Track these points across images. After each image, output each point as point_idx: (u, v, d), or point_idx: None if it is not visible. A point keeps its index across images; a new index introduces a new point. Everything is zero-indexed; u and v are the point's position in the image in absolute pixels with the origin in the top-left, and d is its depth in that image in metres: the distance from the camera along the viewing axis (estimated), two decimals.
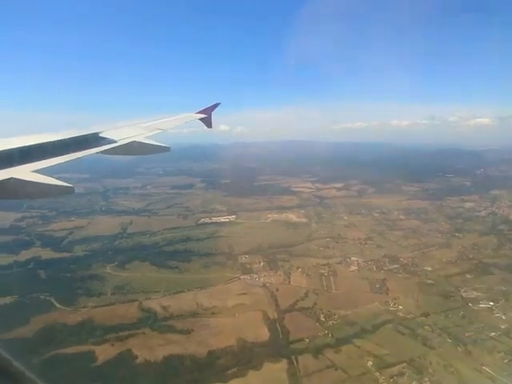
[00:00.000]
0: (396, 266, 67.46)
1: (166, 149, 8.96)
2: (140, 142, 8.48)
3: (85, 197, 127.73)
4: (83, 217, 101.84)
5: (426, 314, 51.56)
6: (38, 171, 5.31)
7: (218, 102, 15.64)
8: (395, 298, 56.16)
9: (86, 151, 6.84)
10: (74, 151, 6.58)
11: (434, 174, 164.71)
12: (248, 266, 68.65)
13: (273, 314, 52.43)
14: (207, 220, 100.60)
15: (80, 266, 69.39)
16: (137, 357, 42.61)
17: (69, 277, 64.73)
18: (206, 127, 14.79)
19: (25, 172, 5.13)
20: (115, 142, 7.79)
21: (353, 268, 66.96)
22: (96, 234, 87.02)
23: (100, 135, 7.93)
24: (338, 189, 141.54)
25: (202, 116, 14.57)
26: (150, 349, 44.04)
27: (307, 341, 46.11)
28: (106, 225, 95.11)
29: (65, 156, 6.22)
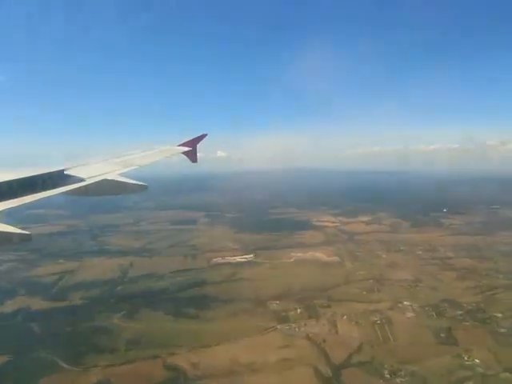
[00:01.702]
0: (459, 312, 67.04)
1: (142, 187, 9.14)
2: (112, 180, 8.55)
3: (68, 236, 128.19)
4: (72, 259, 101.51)
5: (510, 370, 50.77)
6: None
7: (204, 133, 16.04)
8: (468, 350, 55.43)
9: (49, 192, 6.71)
10: (35, 191, 6.45)
11: (475, 205, 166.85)
12: (283, 314, 67.95)
13: (326, 371, 51.47)
14: (220, 260, 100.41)
15: (80, 317, 68.39)
16: None
17: (70, 331, 63.55)
18: (190, 161, 15.16)
19: None
20: (83, 180, 7.75)
21: (409, 315, 66.42)
22: (92, 279, 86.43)
23: (66, 173, 7.86)
24: (367, 223, 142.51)
25: (186, 149, 14.78)
26: None
27: None
28: (100, 268, 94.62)
29: (24, 198, 6.14)
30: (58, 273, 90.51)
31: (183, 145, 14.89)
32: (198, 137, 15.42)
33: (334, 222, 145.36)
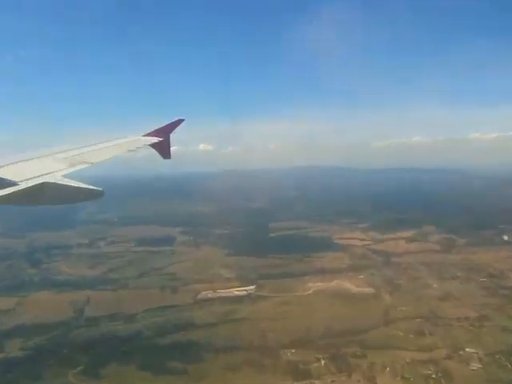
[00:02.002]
0: None
1: (96, 194, 8.85)
2: (55, 184, 8.28)
3: (1, 262, 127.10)
4: (7, 294, 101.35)
5: None
6: None
7: (180, 118, 16.19)
8: None
9: None
10: None
11: None
12: (302, 367, 68.37)
13: None
14: (211, 294, 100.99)
15: (21, 374, 68.25)
16: None
17: None
18: (161, 157, 15.30)
19: None
20: (15, 184, 7.48)
21: (474, 365, 66.70)
22: (36, 321, 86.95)
23: None
24: (408, 240, 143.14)
25: (155, 140, 14.67)
26: None
27: None
28: (46, 305, 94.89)
29: None
30: None
31: (151, 134, 14.84)
32: (172, 123, 15.48)
33: (363, 240, 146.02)
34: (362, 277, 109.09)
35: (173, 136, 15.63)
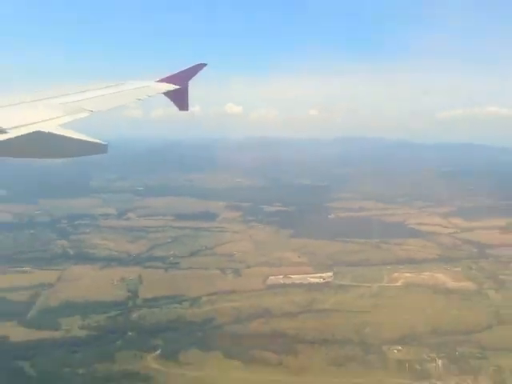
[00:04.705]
0: None
1: (99, 147, 9.12)
2: (50, 134, 8.45)
3: (21, 230, 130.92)
4: (44, 267, 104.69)
5: None
6: None
7: (202, 62, 15.65)
8: None
9: None
10: None
11: None
12: (417, 367, 70.95)
13: None
14: (282, 280, 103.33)
15: (92, 355, 71.63)
16: None
17: (83, 374, 67.02)
18: (177, 108, 15.44)
19: None
20: (3, 131, 7.50)
21: None
22: (85, 299, 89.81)
23: None
24: (503, 230, 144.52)
25: (171, 87, 14.49)
26: None
27: None
28: (93, 282, 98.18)
29: None
30: (29, 287, 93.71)
31: (166, 80, 14.48)
32: (192, 68, 15.06)
33: (446, 227, 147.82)
34: (457, 269, 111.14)
35: (195, 93, 15.65)
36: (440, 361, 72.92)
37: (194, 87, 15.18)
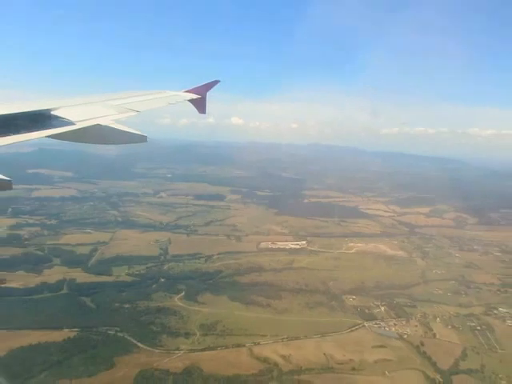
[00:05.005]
0: None
1: (141, 138, 9.17)
2: (107, 127, 8.55)
3: (84, 202, 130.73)
4: (101, 229, 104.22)
5: None
6: None
7: (216, 79, 15.64)
8: None
9: (33, 134, 6.68)
10: (17, 132, 6.45)
11: None
12: (366, 311, 71.19)
13: (434, 376, 54.51)
14: (270, 245, 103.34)
15: (135, 295, 71.27)
16: None
17: (130, 308, 66.57)
18: (198, 112, 14.93)
19: None
20: (73, 123, 7.65)
21: (510, 322, 69.37)
22: (131, 254, 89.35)
23: (52, 113, 7.85)
24: (426, 215, 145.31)
25: (194, 97, 14.51)
26: None
27: None
28: (136, 242, 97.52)
29: (4, 138, 6.15)
30: (90, 243, 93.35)
31: (191, 91, 14.53)
32: (209, 83, 15.03)
33: (386, 211, 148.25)
34: (394, 242, 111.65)
35: (210, 108, 15.30)
36: (382, 307, 73.37)
37: (210, 104, 15.19)
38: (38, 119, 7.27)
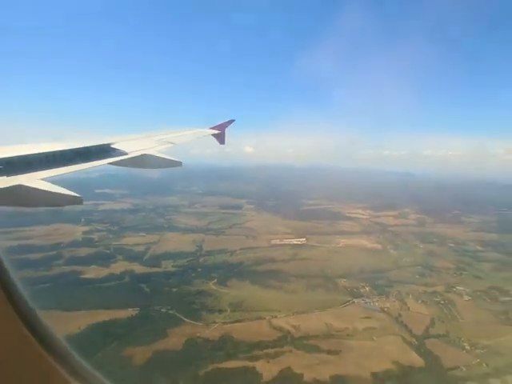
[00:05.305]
0: (508, 298, 68.35)
1: (177, 163, 9.18)
2: (152, 156, 8.64)
3: (138, 213, 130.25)
4: (151, 233, 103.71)
5: None
6: (46, 180, 5.24)
7: (232, 119, 15.88)
8: None
9: (98, 162, 6.86)
10: (86, 161, 6.57)
11: (485, 206, 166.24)
12: (355, 290, 69.94)
13: (410, 339, 53.22)
14: (279, 242, 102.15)
15: (180, 281, 70.62)
16: (302, 375, 43.36)
17: (176, 292, 65.92)
18: (219, 143, 15.00)
19: (33, 180, 5.04)
20: (127, 153, 7.87)
21: (466, 298, 67.87)
22: (175, 251, 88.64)
23: (112, 146, 8.01)
24: (395, 216, 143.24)
25: (215, 132, 14.71)
26: (310, 367, 44.85)
27: (464, 369, 46.77)
28: (178, 242, 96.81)
29: (76, 165, 6.19)
30: (144, 244, 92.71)
31: (213, 128, 14.74)
32: (227, 122, 15.38)
33: (364, 215, 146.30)
34: (371, 238, 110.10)
35: (228, 140, 15.38)
36: (367, 287, 72.02)
37: (228, 137, 15.33)
38: (102, 151, 7.47)
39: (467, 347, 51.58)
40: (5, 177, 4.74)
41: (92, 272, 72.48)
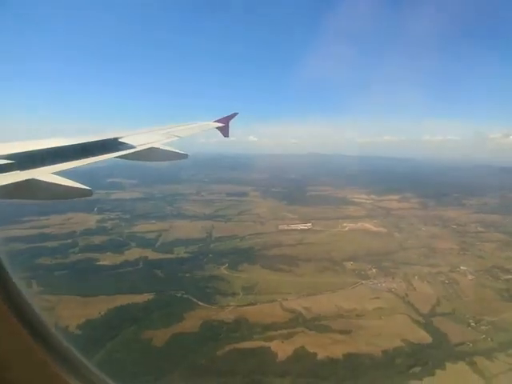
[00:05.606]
0: (511, 276, 68.55)
1: (183, 156, 9.33)
2: (158, 149, 8.73)
3: (147, 201, 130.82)
4: (162, 220, 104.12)
5: None
6: (57, 173, 5.33)
7: (236, 112, 15.99)
8: None
9: (106, 155, 6.98)
10: (94, 155, 6.68)
11: (485, 189, 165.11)
12: (362, 273, 70.24)
13: (418, 318, 53.66)
14: (286, 227, 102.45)
15: (192, 267, 71.19)
16: (316, 354, 43.96)
17: (189, 277, 66.52)
18: (223, 136, 15.01)
19: (45, 174, 5.13)
20: (134, 147, 7.95)
21: (470, 277, 68.12)
22: (185, 237, 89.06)
23: (120, 140, 8.08)
24: (398, 201, 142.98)
25: (220, 125, 14.82)
26: (322, 347, 45.47)
27: (470, 344, 47.23)
28: (188, 228, 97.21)
29: (85, 159, 6.33)
30: (155, 231, 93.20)
31: (218, 121, 14.89)
32: (230, 115, 15.52)
33: (367, 200, 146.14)
34: (375, 222, 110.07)
35: (232, 130, 15.53)
36: (374, 269, 72.23)
37: (232, 127, 15.61)
38: (110, 145, 7.56)
39: (472, 324, 52.02)
40: (18, 171, 4.83)
41: (107, 259, 73.15)
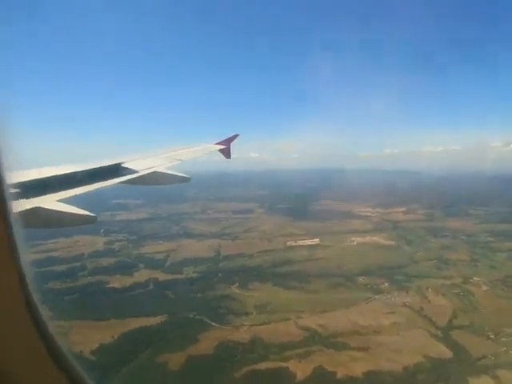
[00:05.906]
0: None
1: (186, 179, 9.47)
2: (161, 173, 8.86)
3: (153, 221, 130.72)
4: (169, 241, 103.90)
5: None
6: (62, 201, 5.42)
7: (236, 133, 16.27)
8: None
9: (110, 181, 7.10)
10: (99, 181, 6.77)
11: (491, 199, 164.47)
12: (375, 287, 69.47)
13: (436, 332, 52.80)
14: (294, 243, 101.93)
15: (203, 286, 70.58)
16: (335, 373, 43.13)
17: (201, 297, 65.93)
18: (224, 158, 15.22)
19: (50, 201, 5.22)
20: (137, 172, 8.08)
21: (484, 288, 67.25)
22: (193, 257, 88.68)
23: (123, 165, 8.14)
24: (404, 213, 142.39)
25: (221, 147, 15.03)
26: (341, 365, 44.63)
27: (492, 358, 46.31)
28: (196, 248, 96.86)
29: (90, 186, 6.39)
30: (164, 251, 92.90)
31: (219, 143, 15.15)
32: (232, 137, 15.82)
33: (373, 213, 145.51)
34: (384, 235, 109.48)
35: (232, 148, 15.71)
36: (386, 283, 71.46)
37: (234, 146, 15.88)
38: (114, 170, 7.70)
39: (492, 336, 51.16)
40: (24, 200, 4.94)
41: (116, 281, 72.76)
